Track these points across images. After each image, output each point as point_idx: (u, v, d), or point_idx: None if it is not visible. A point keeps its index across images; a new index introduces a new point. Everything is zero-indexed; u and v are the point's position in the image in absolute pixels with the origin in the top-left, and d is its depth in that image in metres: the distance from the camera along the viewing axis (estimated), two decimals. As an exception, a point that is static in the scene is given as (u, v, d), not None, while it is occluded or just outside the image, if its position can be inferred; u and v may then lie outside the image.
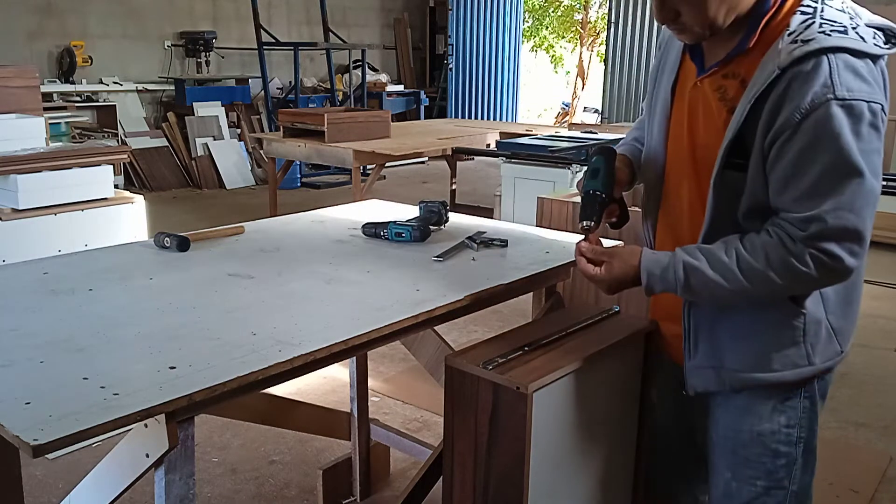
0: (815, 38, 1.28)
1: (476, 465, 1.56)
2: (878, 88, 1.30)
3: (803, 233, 1.31)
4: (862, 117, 1.27)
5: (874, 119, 1.28)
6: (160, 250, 1.95)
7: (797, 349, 1.46)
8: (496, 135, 6.30)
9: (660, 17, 1.40)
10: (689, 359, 1.55)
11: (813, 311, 1.44)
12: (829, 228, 1.29)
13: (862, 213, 1.29)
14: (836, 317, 1.48)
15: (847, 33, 1.29)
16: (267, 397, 2.30)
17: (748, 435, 1.52)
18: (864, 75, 1.28)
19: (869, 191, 1.29)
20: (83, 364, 1.26)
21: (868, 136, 1.27)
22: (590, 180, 1.56)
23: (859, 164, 1.27)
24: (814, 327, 1.45)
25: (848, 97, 1.26)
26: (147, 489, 1.32)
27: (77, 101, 7.97)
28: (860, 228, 1.30)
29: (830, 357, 1.49)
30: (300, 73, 8.80)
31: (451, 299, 1.62)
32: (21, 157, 3.04)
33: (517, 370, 1.49)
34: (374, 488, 2.73)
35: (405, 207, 2.46)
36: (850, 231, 1.29)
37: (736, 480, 1.54)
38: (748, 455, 1.52)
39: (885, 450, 3.04)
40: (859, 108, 1.26)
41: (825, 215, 1.29)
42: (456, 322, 1.98)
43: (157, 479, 1.25)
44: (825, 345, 1.47)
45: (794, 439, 1.51)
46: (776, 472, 1.52)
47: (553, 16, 15.37)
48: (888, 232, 5.89)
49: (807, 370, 1.47)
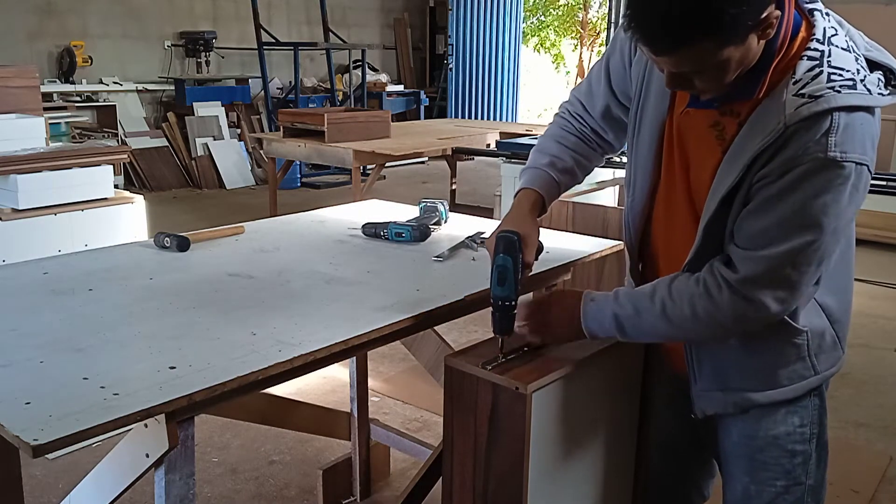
0: (825, 95, 1.22)
1: (475, 465, 1.56)
2: (871, 145, 1.26)
3: (736, 274, 1.30)
4: (847, 179, 1.23)
5: (857, 181, 1.25)
6: (160, 250, 1.95)
7: (803, 363, 1.46)
8: (496, 135, 6.29)
9: (671, 86, 1.31)
10: (694, 382, 1.55)
11: (816, 323, 1.44)
12: (763, 274, 1.28)
13: (801, 268, 1.28)
14: (840, 324, 1.48)
15: (856, 87, 1.23)
16: (267, 397, 2.31)
17: (764, 440, 1.52)
18: (861, 134, 1.23)
19: (820, 249, 1.27)
20: (83, 364, 1.26)
21: (845, 198, 1.25)
22: (498, 287, 1.46)
23: (822, 221, 1.24)
24: (817, 339, 1.46)
25: (839, 158, 1.22)
26: (147, 489, 1.32)
27: (77, 101, 7.97)
28: (795, 280, 1.29)
29: (833, 363, 1.50)
30: (300, 73, 8.80)
31: (451, 299, 1.62)
32: (21, 157, 3.04)
33: (517, 370, 1.49)
34: (374, 488, 2.73)
35: (405, 207, 2.46)
36: (784, 281, 1.28)
37: (755, 484, 1.54)
38: (766, 459, 1.53)
39: (885, 450, 3.04)
40: (848, 169, 1.23)
41: (764, 260, 1.28)
42: (456, 322, 1.98)
43: (157, 479, 1.25)
44: (829, 352, 1.49)
45: (807, 437, 1.52)
46: (794, 471, 1.52)
47: (554, 15, 15.38)
48: (888, 232, 5.89)
49: (814, 380, 1.49)
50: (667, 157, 1.48)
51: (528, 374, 1.47)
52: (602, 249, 2.03)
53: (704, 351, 1.51)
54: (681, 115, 1.42)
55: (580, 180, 1.72)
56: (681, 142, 1.44)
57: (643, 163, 1.52)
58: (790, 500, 1.54)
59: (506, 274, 1.45)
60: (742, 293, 1.30)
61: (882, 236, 5.90)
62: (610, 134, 1.67)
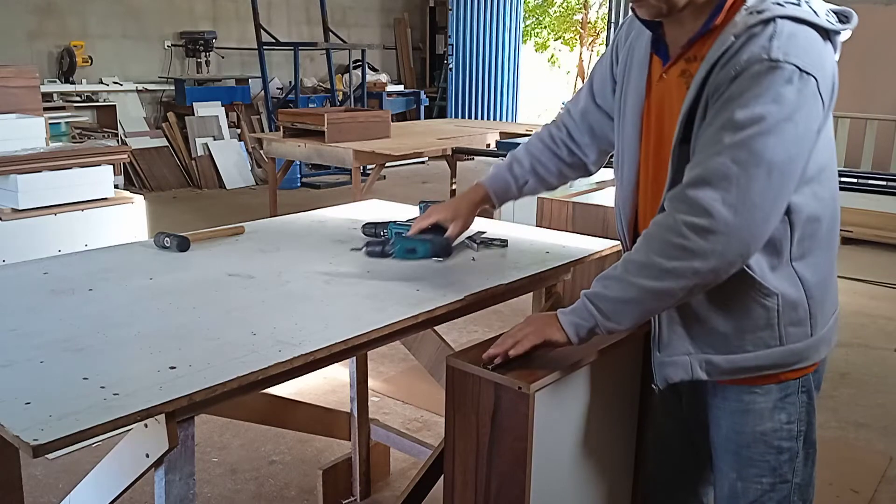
0: (769, 8, 1.30)
1: (477, 465, 1.56)
2: (819, 61, 1.29)
3: (685, 185, 1.30)
4: (790, 82, 1.25)
5: (804, 88, 1.26)
6: (160, 250, 1.94)
7: (771, 331, 1.43)
8: (496, 135, 6.30)
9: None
10: (657, 351, 1.53)
11: (790, 292, 1.41)
12: (705, 174, 1.27)
13: (745, 167, 1.25)
14: (816, 302, 1.45)
15: (800, 5, 1.31)
16: (267, 397, 2.30)
17: (751, 436, 1.51)
18: (805, 45, 1.28)
19: (766, 148, 1.25)
20: (83, 364, 1.26)
21: (790, 101, 1.25)
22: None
23: (764, 116, 1.25)
24: (789, 309, 1.42)
25: (781, 59, 1.26)
26: (147, 489, 1.32)
27: (77, 101, 7.97)
28: (742, 183, 1.25)
29: (801, 339, 1.45)
30: (300, 73, 8.80)
31: (451, 299, 1.62)
32: (21, 157, 3.04)
33: (518, 370, 1.49)
34: (374, 488, 2.73)
35: (405, 207, 2.46)
36: (728, 180, 1.25)
37: (741, 480, 1.54)
38: (752, 455, 1.52)
39: (885, 450, 3.04)
40: (788, 71, 1.25)
41: (705, 161, 1.28)
42: (456, 322, 1.99)
43: (157, 479, 1.25)
44: (799, 326, 1.45)
45: (794, 434, 1.51)
46: (780, 468, 1.52)
47: (552, 16, 15.38)
48: (888, 232, 5.89)
49: (778, 351, 1.44)
50: (647, 133, 1.53)
51: (531, 374, 1.47)
52: (602, 249, 2.03)
53: (671, 318, 1.49)
54: (658, 83, 1.49)
55: (550, 183, 1.87)
56: (659, 113, 1.49)
57: (629, 142, 1.56)
58: (776, 498, 1.53)
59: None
60: (688, 200, 1.29)
61: (882, 236, 5.90)
62: (586, 137, 1.79)
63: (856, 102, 7.01)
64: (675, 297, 1.34)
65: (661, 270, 1.31)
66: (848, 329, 4.21)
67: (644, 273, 1.33)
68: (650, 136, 1.52)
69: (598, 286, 1.40)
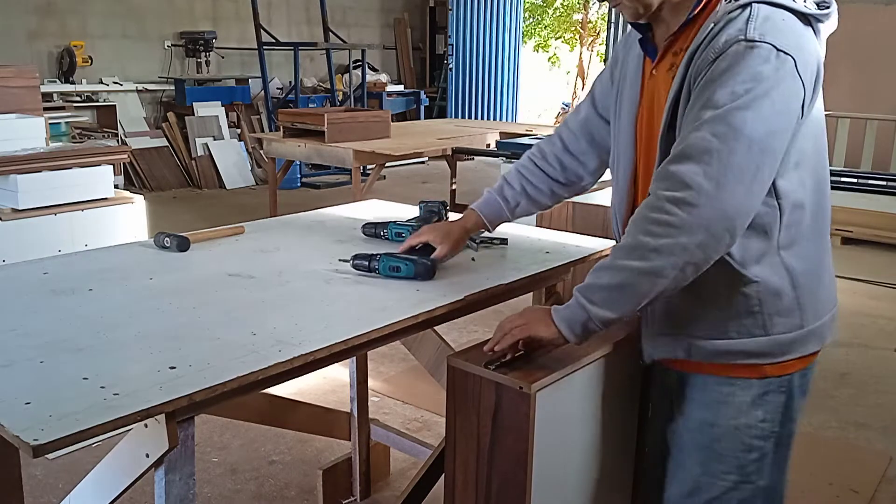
0: None
1: (478, 465, 1.56)
2: (797, 42, 1.30)
3: (666, 162, 1.32)
4: (767, 60, 1.27)
5: (781, 67, 1.27)
6: (160, 250, 1.94)
7: (753, 319, 1.42)
8: (496, 135, 6.29)
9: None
10: (645, 325, 1.55)
11: (773, 280, 1.40)
12: (686, 149, 1.29)
13: (725, 140, 1.26)
14: (804, 292, 1.43)
15: None
16: (267, 397, 2.30)
17: (724, 429, 1.50)
18: (781, 27, 1.30)
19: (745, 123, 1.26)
20: (83, 364, 1.26)
21: (767, 78, 1.26)
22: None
23: (740, 92, 1.26)
24: (772, 297, 1.41)
25: (757, 39, 1.28)
26: (147, 489, 1.31)
27: (77, 101, 7.97)
28: (723, 156, 1.25)
29: (789, 330, 1.44)
30: (300, 73, 8.80)
31: (451, 299, 1.62)
32: (21, 157, 3.04)
33: (520, 370, 1.49)
34: (374, 488, 2.73)
35: (405, 207, 2.46)
36: (709, 153, 1.26)
37: (706, 475, 1.52)
38: (722, 450, 1.50)
39: (885, 450, 3.04)
40: (765, 50, 1.27)
41: (687, 138, 1.30)
42: (456, 322, 1.98)
43: (157, 479, 1.25)
44: (786, 316, 1.43)
45: (767, 433, 1.50)
46: (747, 467, 1.50)
47: (552, 16, 15.38)
48: (888, 232, 5.89)
49: (764, 341, 1.44)
50: (640, 131, 1.55)
51: (532, 374, 1.47)
52: (602, 249, 2.03)
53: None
54: (649, 81, 1.52)
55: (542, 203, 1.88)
56: (650, 109, 1.51)
57: (624, 142, 1.58)
58: (738, 497, 1.51)
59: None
60: (669, 176, 1.29)
61: (882, 236, 5.90)
62: (584, 144, 1.79)
63: (856, 102, 7.02)
64: (667, 276, 1.30)
65: (649, 250, 1.30)
66: (848, 329, 4.21)
67: (632, 255, 1.32)
68: (643, 134, 1.54)
69: (590, 278, 1.40)
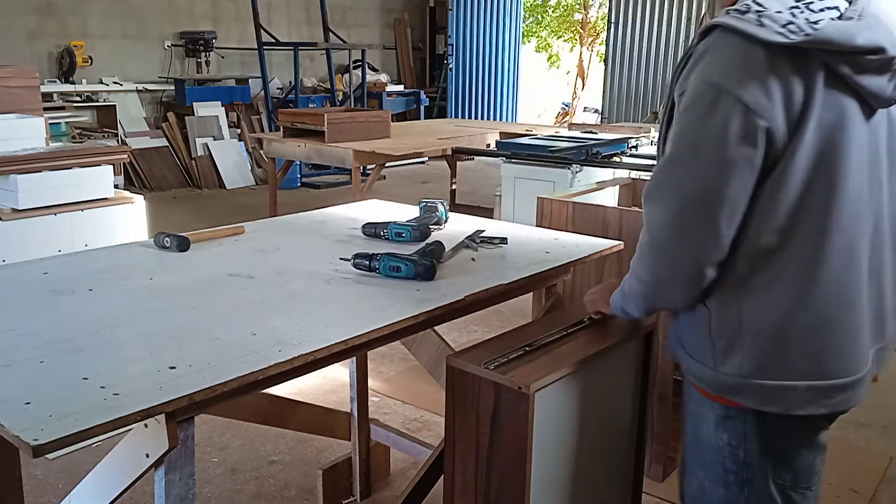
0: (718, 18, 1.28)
1: (477, 464, 1.56)
2: (744, 78, 1.21)
3: None
4: (698, 102, 1.26)
5: (712, 107, 1.23)
6: (160, 250, 1.94)
7: (703, 344, 1.38)
8: (496, 135, 6.29)
9: None
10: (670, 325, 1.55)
11: (725, 315, 1.34)
12: (652, 183, 1.35)
13: (678, 171, 1.29)
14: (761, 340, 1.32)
15: (746, 13, 1.23)
16: (267, 397, 2.30)
17: (706, 441, 1.45)
18: (726, 60, 1.23)
19: (693, 159, 1.26)
20: (83, 364, 1.26)
21: (688, 122, 1.27)
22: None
23: (686, 133, 1.28)
24: (724, 325, 1.34)
25: (701, 78, 1.26)
26: (147, 489, 1.32)
27: (77, 101, 7.97)
28: (676, 185, 1.29)
29: (734, 373, 1.34)
30: (300, 73, 8.80)
31: (451, 299, 1.62)
32: (21, 157, 3.04)
33: (519, 370, 1.49)
34: (374, 488, 2.73)
35: (405, 207, 2.46)
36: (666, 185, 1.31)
37: (709, 480, 1.48)
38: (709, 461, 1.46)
39: (885, 450, 3.04)
40: (700, 90, 1.26)
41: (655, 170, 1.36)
42: (456, 322, 1.99)
43: (157, 479, 1.25)
44: (732, 358, 1.34)
45: (740, 459, 1.41)
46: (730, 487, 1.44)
47: (551, 16, 15.38)
48: (888, 232, 5.87)
49: (709, 372, 1.37)
50: None
51: (531, 374, 1.47)
52: (602, 249, 2.03)
53: None
54: None
55: None
56: None
57: None
58: None
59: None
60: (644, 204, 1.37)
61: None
62: None
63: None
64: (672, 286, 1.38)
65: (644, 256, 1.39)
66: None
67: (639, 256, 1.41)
68: None
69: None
